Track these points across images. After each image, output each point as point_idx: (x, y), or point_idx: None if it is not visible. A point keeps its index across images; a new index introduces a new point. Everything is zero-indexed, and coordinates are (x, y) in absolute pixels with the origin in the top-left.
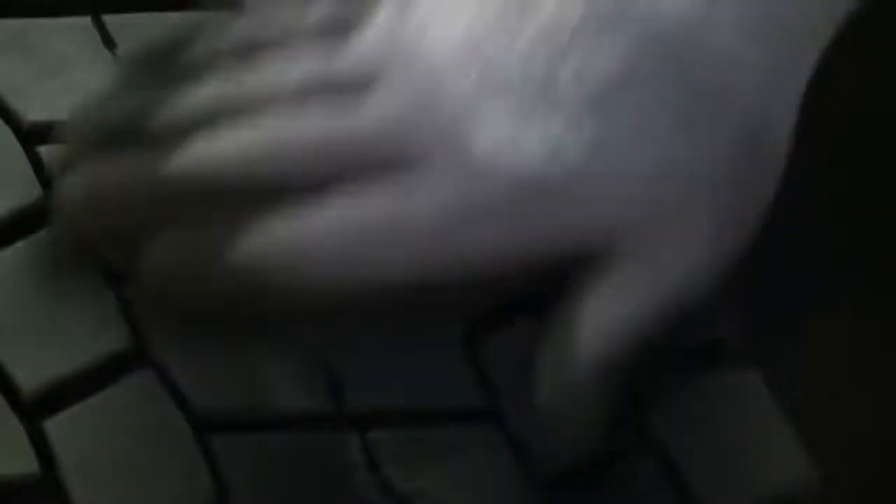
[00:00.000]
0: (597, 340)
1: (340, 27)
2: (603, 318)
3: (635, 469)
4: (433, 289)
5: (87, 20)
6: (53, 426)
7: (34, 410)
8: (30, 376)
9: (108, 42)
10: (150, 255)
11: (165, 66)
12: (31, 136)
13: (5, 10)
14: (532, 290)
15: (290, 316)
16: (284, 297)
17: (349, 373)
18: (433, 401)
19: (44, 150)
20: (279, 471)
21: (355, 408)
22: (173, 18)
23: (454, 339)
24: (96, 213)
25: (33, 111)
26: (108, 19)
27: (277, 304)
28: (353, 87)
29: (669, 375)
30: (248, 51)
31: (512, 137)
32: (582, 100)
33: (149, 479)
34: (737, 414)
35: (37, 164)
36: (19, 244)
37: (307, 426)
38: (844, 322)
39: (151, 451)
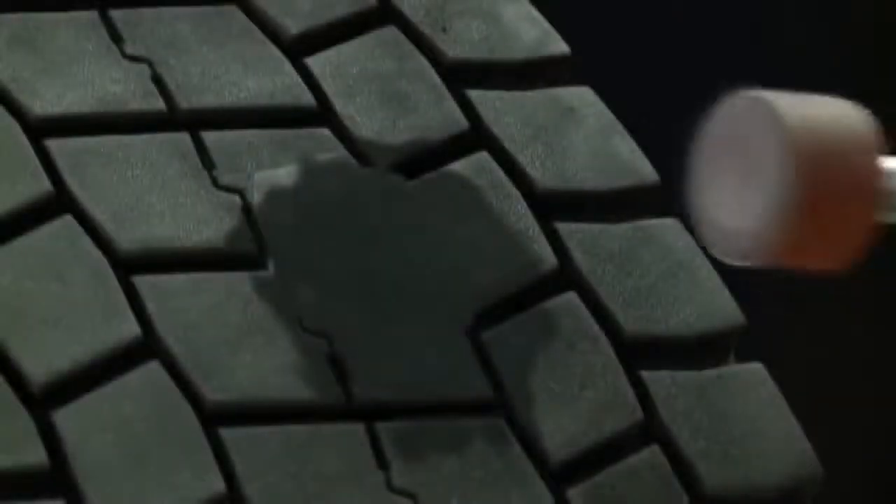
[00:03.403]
0: None
1: None
2: None
3: (642, 461)
4: None
5: (94, 15)
6: (62, 417)
7: (43, 402)
8: (38, 368)
9: (115, 37)
10: None
11: None
12: (39, 129)
13: (12, 5)
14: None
15: None
16: None
17: (355, 364)
18: (439, 392)
19: (51, 144)
20: (287, 462)
21: (362, 399)
22: (180, 14)
23: (460, 331)
24: None
25: (40, 105)
26: (115, 14)
27: None
28: None
29: (676, 369)
30: None
31: None
32: None
33: (157, 469)
34: (743, 407)
35: (44, 157)
36: (27, 236)
37: (314, 417)
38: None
39: (160, 441)
